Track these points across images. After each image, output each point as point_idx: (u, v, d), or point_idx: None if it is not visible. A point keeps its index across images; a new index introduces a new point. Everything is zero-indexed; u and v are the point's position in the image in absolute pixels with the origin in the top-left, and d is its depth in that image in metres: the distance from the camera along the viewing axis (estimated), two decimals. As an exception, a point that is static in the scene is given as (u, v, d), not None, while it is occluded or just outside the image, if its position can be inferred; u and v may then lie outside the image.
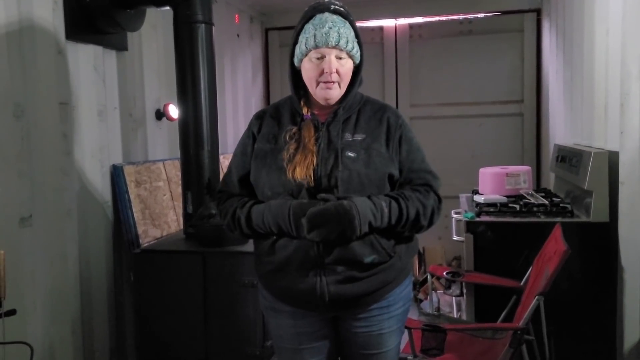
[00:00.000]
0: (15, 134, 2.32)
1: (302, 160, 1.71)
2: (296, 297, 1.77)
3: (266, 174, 1.75)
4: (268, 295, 1.86)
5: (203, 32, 2.88)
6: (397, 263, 1.78)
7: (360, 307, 1.78)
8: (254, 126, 1.85)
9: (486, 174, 3.47)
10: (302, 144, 1.74)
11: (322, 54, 1.69)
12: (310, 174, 1.69)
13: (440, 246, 5.10)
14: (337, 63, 1.70)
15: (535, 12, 4.81)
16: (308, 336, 1.84)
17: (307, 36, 1.70)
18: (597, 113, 2.94)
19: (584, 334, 2.84)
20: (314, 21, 1.71)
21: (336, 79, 1.71)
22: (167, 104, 3.51)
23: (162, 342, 2.85)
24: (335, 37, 1.68)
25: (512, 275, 2.77)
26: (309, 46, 1.70)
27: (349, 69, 1.75)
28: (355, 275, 1.71)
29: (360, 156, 1.71)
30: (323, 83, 1.71)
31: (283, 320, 1.85)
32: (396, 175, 1.76)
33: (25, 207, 2.38)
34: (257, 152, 1.79)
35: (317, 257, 1.68)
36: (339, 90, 1.74)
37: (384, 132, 1.77)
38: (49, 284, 2.53)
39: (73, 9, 2.70)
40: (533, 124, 4.91)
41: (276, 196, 1.71)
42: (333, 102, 1.76)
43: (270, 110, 1.88)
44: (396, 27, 5.18)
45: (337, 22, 1.70)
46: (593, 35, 2.99)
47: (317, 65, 1.70)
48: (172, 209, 3.37)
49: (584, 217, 2.87)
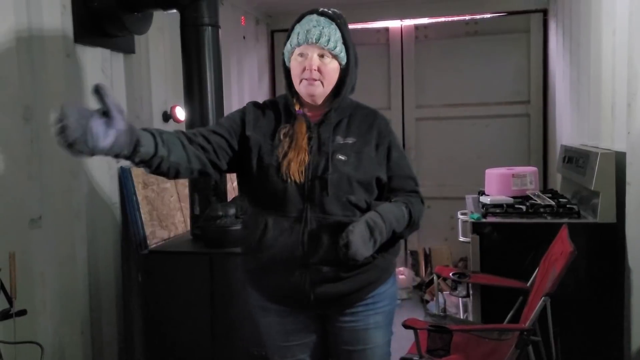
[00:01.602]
0: (24, 137, 2.34)
1: (295, 157, 1.76)
2: (283, 296, 1.82)
3: (259, 170, 1.78)
4: (255, 295, 1.91)
5: (209, 34, 2.89)
6: (381, 263, 1.84)
7: (344, 306, 1.84)
8: (249, 113, 1.86)
9: (492, 175, 3.47)
10: (294, 141, 1.78)
11: (305, 52, 1.76)
12: (302, 171, 1.75)
13: (447, 247, 5.10)
14: (318, 61, 1.76)
15: (541, 13, 4.80)
16: (297, 333, 1.90)
17: (293, 36, 1.79)
18: (604, 113, 2.94)
19: (590, 335, 2.83)
20: (302, 22, 1.80)
21: (317, 76, 1.76)
22: (174, 106, 3.52)
23: (170, 341, 2.87)
24: (316, 35, 1.74)
25: (519, 276, 2.77)
26: (293, 44, 1.78)
27: (332, 69, 1.79)
28: (340, 275, 1.76)
29: (351, 159, 1.77)
30: (305, 80, 1.76)
31: (271, 318, 1.90)
32: (384, 179, 1.83)
33: (35, 208, 2.40)
34: (252, 142, 1.80)
35: (303, 257, 1.73)
36: (322, 88, 1.78)
37: (374, 137, 1.83)
38: (59, 284, 2.55)
39: (81, 13, 2.72)
40: (539, 125, 4.90)
41: (264, 192, 1.77)
42: (317, 100, 1.81)
43: (268, 104, 1.91)
44: (402, 28, 5.18)
45: (321, 22, 1.77)
46: (600, 35, 2.99)
47: (300, 63, 1.77)
48: (179, 211, 3.39)
49: (591, 218, 2.87)
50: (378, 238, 1.67)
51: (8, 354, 2.10)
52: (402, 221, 1.77)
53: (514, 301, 2.76)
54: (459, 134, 5.10)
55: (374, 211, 1.71)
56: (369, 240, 1.64)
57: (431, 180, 5.17)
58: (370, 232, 1.65)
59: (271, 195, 1.76)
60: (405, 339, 2.44)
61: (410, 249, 5.27)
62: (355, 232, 1.62)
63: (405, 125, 5.20)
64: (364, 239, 1.63)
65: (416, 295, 4.86)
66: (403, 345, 2.48)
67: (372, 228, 1.65)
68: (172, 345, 2.86)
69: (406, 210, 1.79)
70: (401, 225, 1.77)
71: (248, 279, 1.92)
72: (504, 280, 2.79)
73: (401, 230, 1.78)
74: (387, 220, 1.70)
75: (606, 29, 2.90)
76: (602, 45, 2.95)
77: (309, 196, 1.74)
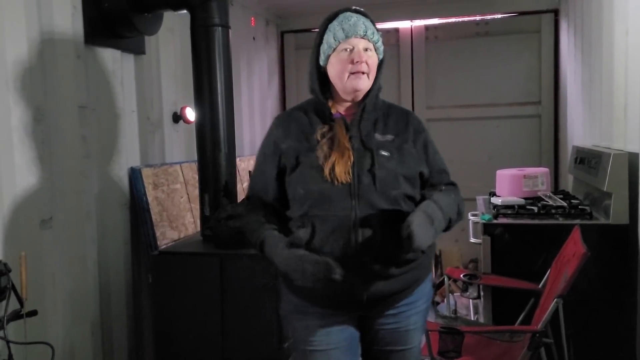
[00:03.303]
0: (36, 138, 2.35)
1: (339, 158, 1.73)
2: (332, 297, 1.76)
3: (300, 173, 1.76)
4: (294, 299, 1.84)
5: (220, 35, 2.89)
6: (425, 259, 1.83)
7: (391, 305, 1.81)
8: (277, 129, 1.84)
9: (503, 176, 3.45)
10: (336, 143, 1.76)
11: (352, 45, 1.74)
12: (349, 171, 1.72)
13: (457, 248, 5.08)
14: (365, 54, 1.75)
15: (552, 13, 4.77)
16: (338, 335, 1.84)
17: (334, 32, 1.76)
18: (617, 114, 2.92)
19: (603, 337, 2.81)
20: (339, 19, 1.78)
21: (365, 69, 1.75)
22: (184, 107, 3.53)
23: (180, 343, 2.87)
24: (363, 28, 1.75)
25: (530, 277, 2.76)
26: (338, 39, 1.75)
27: (375, 62, 1.79)
28: (391, 273, 1.74)
29: (394, 155, 1.77)
30: (353, 74, 1.75)
31: (311, 321, 1.82)
32: (426, 174, 1.84)
33: (46, 209, 2.41)
34: (287, 151, 1.78)
35: (355, 255, 1.70)
36: (367, 81, 1.78)
37: (411, 134, 1.83)
38: (69, 285, 2.56)
39: (92, 14, 2.74)
40: (551, 126, 4.87)
41: (308, 194, 1.73)
42: (362, 94, 1.79)
43: (293, 112, 1.88)
44: (412, 29, 5.16)
45: (360, 17, 1.78)
46: (612, 35, 2.96)
47: (347, 57, 1.75)
48: (189, 211, 3.40)
49: (603, 219, 2.85)
50: (438, 226, 1.66)
51: (19, 355, 2.11)
52: (454, 209, 1.78)
53: (525, 303, 2.75)
54: (470, 135, 5.08)
55: (429, 200, 1.70)
56: (430, 229, 1.63)
57: (441, 181, 5.15)
58: (431, 221, 1.64)
59: (316, 196, 1.73)
60: (416, 340, 2.43)
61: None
62: (416, 223, 1.59)
63: (416, 126, 5.17)
64: (426, 228, 1.61)
65: (426, 296, 4.84)
66: (413, 347, 2.48)
67: (432, 217, 1.64)
68: (182, 346, 2.86)
69: (455, 198, 1.80)
70: (454, 213, 1.77)
71: (288, 284, 1.83)
72: (515, 282, 2.77)
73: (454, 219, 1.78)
74: (443, 208, 1.69)
75: (619, 29, 2.88)
76: (615, 45, 2.93)
77: (357, 193, 1.72)
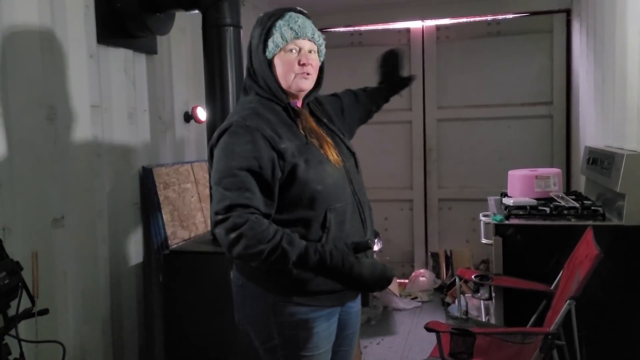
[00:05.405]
0: (48, 137, 2.36)
1: (325, 145, 1.79)
2: (345, 289, 1.73)
3: (313, 171, 1.72)
4: (300, 309, 1.76)
5: (231, 35, 2.89)
6: None
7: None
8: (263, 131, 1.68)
9: (515, 177, 3.43)
10: (314, 132, 1.81)
11: (298, 46, 1.77)
12: (338, 155, 1.81)
13: (468, 249, 5.05)
14: (310, 56, 1.79)
15: (564, 13, 4.73)
16: (334, 330, 1.87)
17: (281, 31, 1.76)
18: (630, 114, 2.89)
19: (616, 340, 2.78)
20: (285, 18, 1.79)
21: (311, 71, 1.80)
22: (195, 106, 3.54)
23: (190, 341, 2.87)
24: (311, 30, 1.79)
25: (542, 279, 2.73)
26: (286, 38, 1.76)
27: (318, 64, 1.85)
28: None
29: (347, 135, 1.99)
30: (299, 74, 1.77)
31: (319, 325, 1.78)
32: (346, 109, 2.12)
33: (58, 208, 2.42)
34: (285, 152, 1.69)
35: (369, 239, 1.82)
36: (311, 82, 1.83)
37: (338, 110, 2.06)
38: (81, 283, 2.57)
39: (104, 14, 2.75)
40: (563, 126, 4.83)
41: (327, 188, 1.72)
42: (304, 93, 1.85)
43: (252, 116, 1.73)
44: (423, 29, 5.15)
45: (306, 19, 1.82)
46: (625, 35, 2.94)
47: (294, 58, 1.77)
48: (199, 211, 3.40)
49: (616, 220, 2.82)
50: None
51: (30, 353, 2.12)
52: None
53: (536, 304, 2.72)
54: (481, 135, 5.05)
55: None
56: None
57: (453, 181, 5.14)
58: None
59: (332, 189, 1.73)
60: (427, 341, 2.42)
61: (431, 251, 5.23)
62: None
63: (427, 126, 5.16)
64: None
65: (437, 297, 4.83)
66: (425, 348, 2.47)
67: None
68: (193, 344, 2.87)
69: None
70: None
71: (299, 291, 1.75)
72: (527, 283, 2.75)
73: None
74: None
75: (632, 29, 2.85)
76: (628, 45, 2.90)
77: (349, 177, 1.82)
